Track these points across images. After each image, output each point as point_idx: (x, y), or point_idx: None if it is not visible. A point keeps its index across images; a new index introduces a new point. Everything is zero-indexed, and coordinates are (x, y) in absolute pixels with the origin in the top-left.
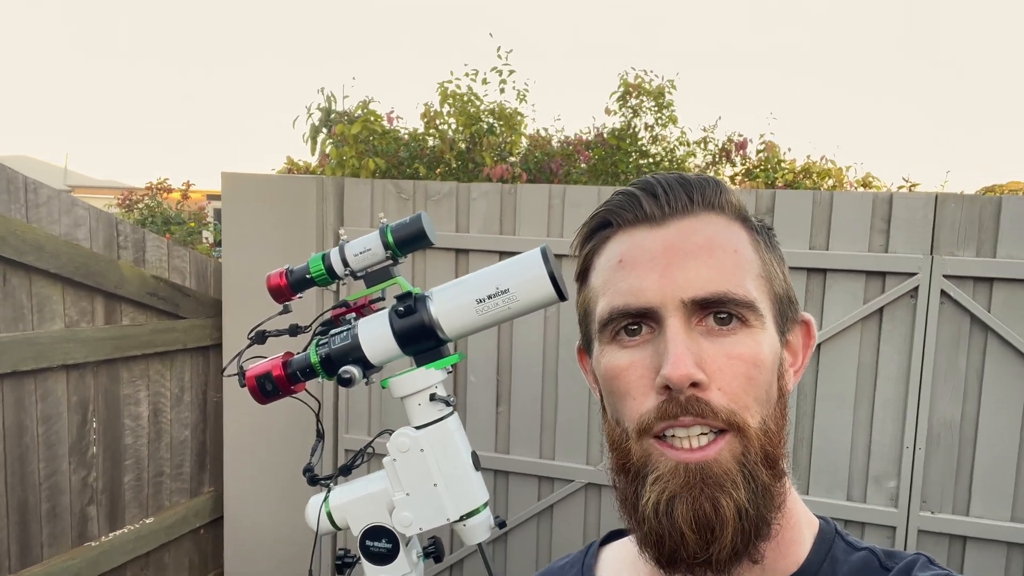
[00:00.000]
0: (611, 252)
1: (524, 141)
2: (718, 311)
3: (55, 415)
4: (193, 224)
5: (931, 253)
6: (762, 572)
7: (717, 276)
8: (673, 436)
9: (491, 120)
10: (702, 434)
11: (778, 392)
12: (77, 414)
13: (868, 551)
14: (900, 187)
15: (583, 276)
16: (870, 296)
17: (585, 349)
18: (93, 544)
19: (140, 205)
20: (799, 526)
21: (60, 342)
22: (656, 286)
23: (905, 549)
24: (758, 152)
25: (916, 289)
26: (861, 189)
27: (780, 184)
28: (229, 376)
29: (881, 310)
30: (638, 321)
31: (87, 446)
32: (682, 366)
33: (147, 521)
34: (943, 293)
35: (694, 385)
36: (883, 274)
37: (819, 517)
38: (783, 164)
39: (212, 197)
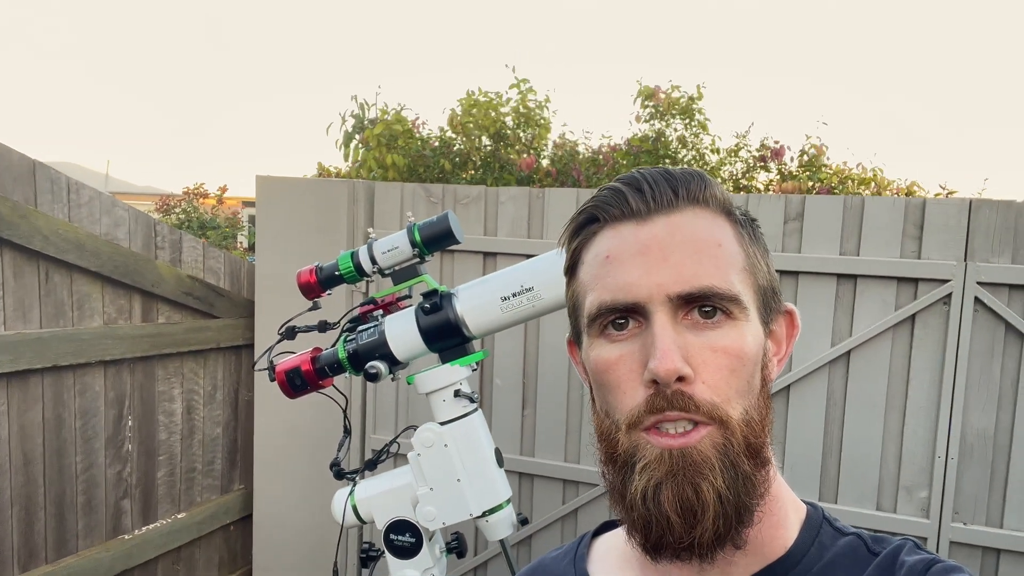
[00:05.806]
0: (598, 247)
1: (549, 139)
2: (703, 305)
3: (92, 409)
4: (228, 229)
5: (965, 260)
6: (749, 557)
7: (702, 271)
8: (661, 427)
9: (515, 118)
10: (686, 424)
11: (761, 382)
12: (113, 409)
13: (855, 536)
14: (937, 194)
15: (571, 271)
16: (902, 303)
17: (575, 341)
18: (127, 537)
19: (177, 210)
20: (785, 512)
21: (99, 338)
22: (643, 282)
23: None
24: (801, 155)
25: (949, 296)
26: (904, 196)
27: (820, 188)
28: (260, 370)
29: (913, 317)
30: (625, 315)
31: (122, 441)
32: (669, 360)
33: (179, 516)
34: (977, 300)
35: (680, 379)
36: (915, 280)
37: (806, 503)
38: (826, 167)
39: (247, 204)
